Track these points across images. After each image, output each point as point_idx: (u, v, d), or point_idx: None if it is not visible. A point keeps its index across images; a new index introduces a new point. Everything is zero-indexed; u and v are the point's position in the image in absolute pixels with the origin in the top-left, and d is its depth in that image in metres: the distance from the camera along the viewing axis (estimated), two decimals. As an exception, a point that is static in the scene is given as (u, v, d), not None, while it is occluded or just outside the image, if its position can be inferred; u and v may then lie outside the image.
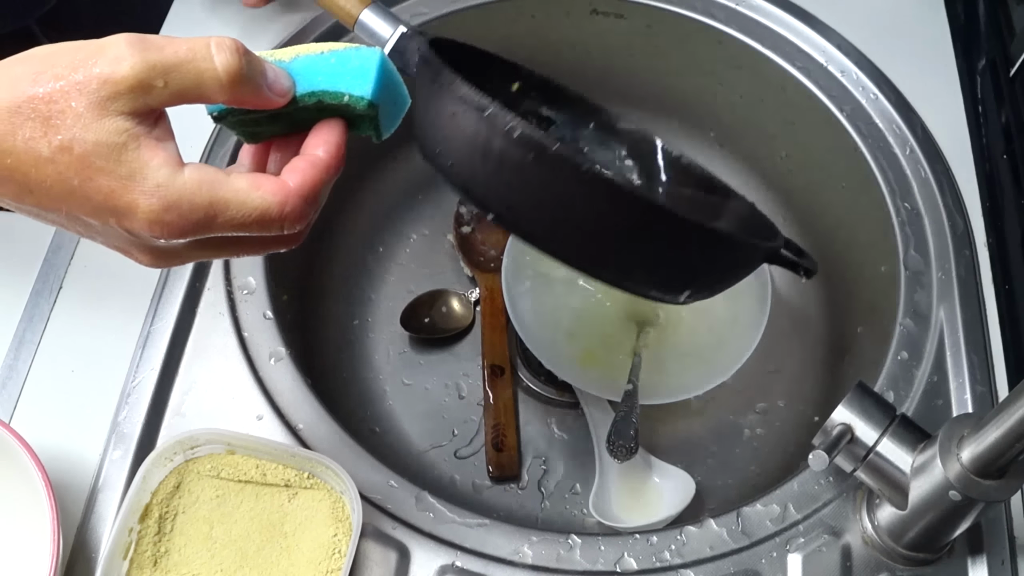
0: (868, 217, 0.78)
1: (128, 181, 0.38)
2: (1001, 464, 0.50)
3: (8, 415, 0.63)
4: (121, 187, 0.38)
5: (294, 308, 0.74)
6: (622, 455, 0.70)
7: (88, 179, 0.38)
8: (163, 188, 0.39)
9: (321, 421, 0.64)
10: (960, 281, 0.71)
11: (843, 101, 0.80)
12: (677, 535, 0.60)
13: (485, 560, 0.59)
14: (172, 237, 0.40)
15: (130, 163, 0.38)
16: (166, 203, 0.39)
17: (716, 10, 0.85)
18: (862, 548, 0.60)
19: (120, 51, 0.38)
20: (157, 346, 0.66)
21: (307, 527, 0.59)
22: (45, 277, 0.69)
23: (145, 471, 0.58)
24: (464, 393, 0.83)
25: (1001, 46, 0.81)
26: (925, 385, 0.67)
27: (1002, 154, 0.77)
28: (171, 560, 0.58)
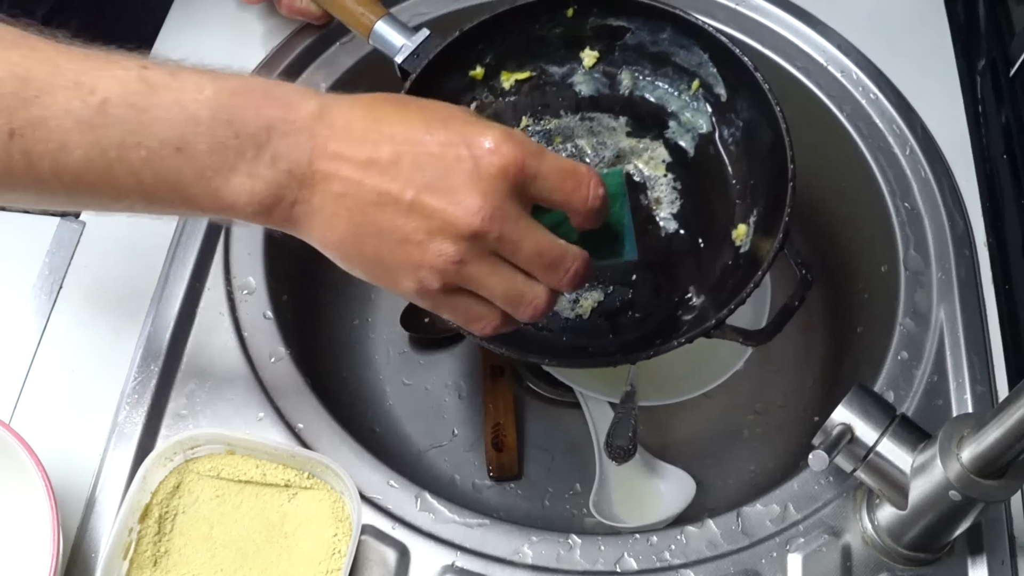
0: (868, 217, 0.78)
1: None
2: (1001, 464, 0.50)
3: (8, 415, 0.63)
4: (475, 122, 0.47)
5: (294, 308, 0.74)
6: (620, 457, 0.70)
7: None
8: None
9: (321, 421, 0.64)
10: (960, 281, 0.71)
11: (843, 101, 0.80)
12: (677, 535, 0.60)
13: (485, 560, 0.59)
14: (513, 163, 0.45)
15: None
16: (508, 132, 0.46)
17: (716, 10, 0.85)
18: (862, 548, 0.60)
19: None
20: (157, 346, 0.66)
21: (307, 527, 0.59)
22: (45, 277, 0.69)
23: (145, 471, 0.58)
24: (464, 393, 0.83)
25: (1001, 46, 0.81)
26: (925, 385, 0.67)
27: (1002, 154, 0.77)
28: (171, 560, 0.58)
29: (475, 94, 0.70)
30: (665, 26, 0.67)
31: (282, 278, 0.72)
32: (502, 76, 0.70)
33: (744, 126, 0.68)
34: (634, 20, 0.68)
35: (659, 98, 0.71)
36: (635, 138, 0.72)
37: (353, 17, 0.72)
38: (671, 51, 0.69)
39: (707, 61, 0.68)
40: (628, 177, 0.69)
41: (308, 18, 0.79)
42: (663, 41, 0.68)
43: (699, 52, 0.67)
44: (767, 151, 0.65)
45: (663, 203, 0.70)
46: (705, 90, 0.69)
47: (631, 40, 0.69)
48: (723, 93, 0.68)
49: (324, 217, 0.45)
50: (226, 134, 0.43)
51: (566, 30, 0.69)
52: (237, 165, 0.43)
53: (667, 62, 0.70)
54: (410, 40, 0.68)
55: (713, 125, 0.70)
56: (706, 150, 0.70)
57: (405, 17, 0.83)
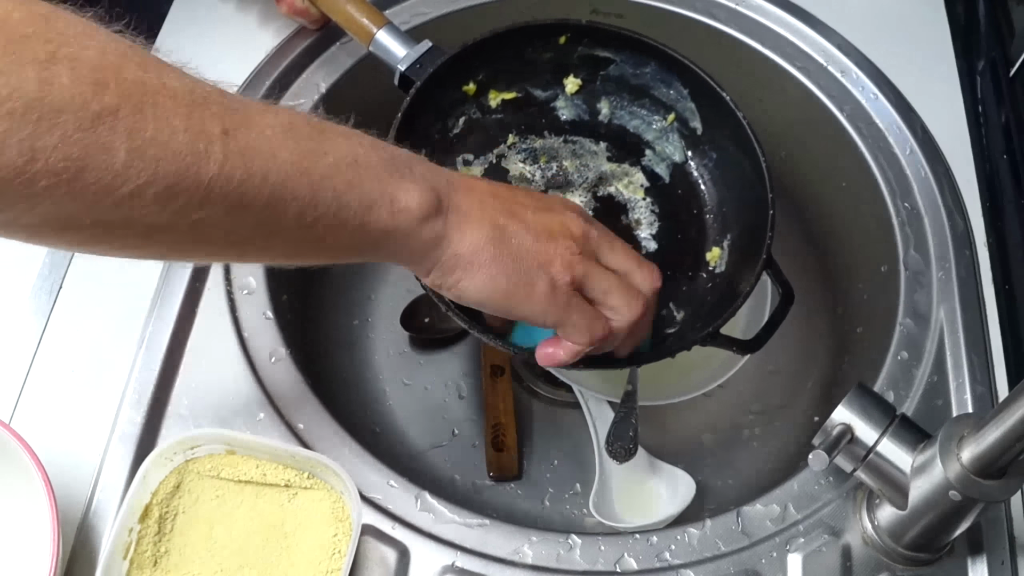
0: (868, 217, 0.78)
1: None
2: (1001, 464, 0.50)
3: (8, 415, 0.63)
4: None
5: (294, 308, 0.74)
6: (621, 456, 0.70)
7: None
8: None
9: (321, 421, 0.64)
10: (960, 281, 0.71)
11: (843, 101, 0.80)
12: (677, 535, 0.60)
13: (485, 560, 0.59)
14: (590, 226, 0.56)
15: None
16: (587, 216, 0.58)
17: (716, 10, 0.85)
18: (862, 548, 0.60)
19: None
20: (157, 346, 0.66)
21: (307, 527, 0.59)
22: (45, 277, 0.69)
23: (145, 471, 0.58)
24: (464, 393, 0.83)
25: (1001, 46, 0.81)
26: (925, 385, 0.67)
27: (1002, 154, 0.77)
28: (171, 560, 0.58)
29: (465, 108, 0.71)
30: (649, 61, 0.70)
31: (282, 278, 0.72)
32: (490, 94, 0.72)
33: (718, 157, 0.71)
34: (620, 52, 0.70)
35: (635, 128, 0.74)
36: (615, 163, 0.74)
37: (354, 24, 0.73)
38: (651, 84, 0.71)
39: (686, 96, 0.70)
40: (609, 198, 0.73)
41: (306, 20, 0.79)
42: (645, 75, 0.71)
43: (679, 87, 0.70)
44: (744, 182, 0.68)
45: (642, 224, 0.72)
46: (680, 123, 0.72)
47: (613, 71, 0.72)
48: (698, 127, 0.71)
49: (474, 221, 0.51)
50: (388, 156, 0.49)
51: (555, 56, 0.71)
52: (405, 177, 0.49)
53: (645, 95, 0.72)
54: (412, 50, 0.69)
55: (686, 156, 0.72)
56: (681, 177, 0.73)
57: (405, 17, 0.83)
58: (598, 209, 0.72)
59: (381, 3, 0.82)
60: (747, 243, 0.66)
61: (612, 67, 0.71)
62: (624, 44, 0.70)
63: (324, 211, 0.46)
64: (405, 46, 0.69)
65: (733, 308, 0.62)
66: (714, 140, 0.71)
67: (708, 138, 0.71)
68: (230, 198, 0.42)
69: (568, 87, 0.73)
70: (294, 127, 0.45)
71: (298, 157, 0.44)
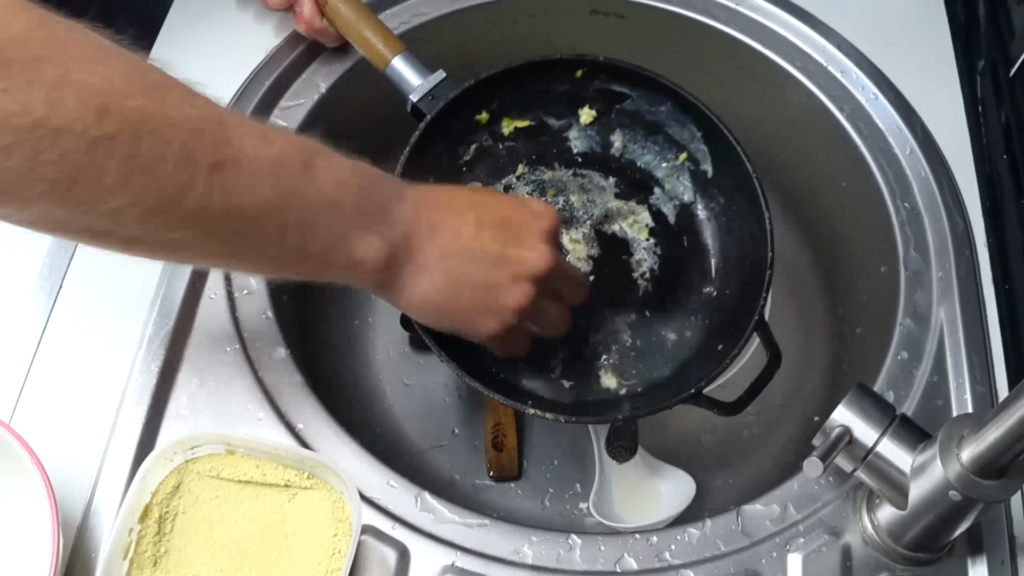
0: (868, 217, 0.78)
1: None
2: (1001, 464, 0.50)
3: (8, 415, 0.63)
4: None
5: (294, 308, 0.74)
6: (621, 456, 0.70)
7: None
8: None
9: (321, 421, 0.64)
10: (960, 281, 0.71)
11: (843, 101, 0.80)
12: (677, 535, 0.60)
13: (485, 560, 0.59)
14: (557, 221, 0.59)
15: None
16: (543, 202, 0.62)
17: (716, 10, 0.85)
18: (862, 548, 0.60)
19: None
20: (157, 346, 0.66)
21: (307, 527, 0.59)
22: (45, 277, 0.69)
23: (145, 471, 0.58)
24: (464, 393, 0.83)
25: (1001, 46, 0.81)
26: (925, 385, 0.67)
27: (1002, 154, 0.77)
28: (171, 560, 0.58)
29: (477, 136, 0.72)
30: (665, 100, 0.70)
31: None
32: (503, 122, 0.72)
33: (725, 203, 0.71)
34: (637, 89, 0.71)
35: (646, 163, 0.75)
36: (622, 200, 0.74)
37: (371, 49, 0.73)
38: (666, 122, 0.72)
39: (699, 138, 0.71)
40: (612, 236, 0.74)
41: (325, 39, 0.79)
42: (660, 112, 0.71)
43: (692, 128, 0.70)
44: (747, 233, 0.68)
45: (643, 266, 0.73)
46: (692, 163, 0.72)
47: (629, 106, 0.72)
48: (709, 169, 0.71)
49: (427, 274, 0.54)
50: (365, 199, 0.52)
51: (571, 88, 0.71)
52: (370, 227, 0.52)
53: (659, 131, 0.73)
54: (425, 80, 0.70)
55: (695, 196, 0.73)
56: (687, 219, 0.73)
57: (405, 17, 0.83)
58: (600, 246, 0.73)
59: (381, 3, 0.82)
60: (746, 300, 0.66)
61: (628, 102, 0.72)
62: (641, 81, 0.70)
63: (288, 245, 0.49)
64: (419, 75, 0.70)
65: (718, 370, 0.62)
66: (723, 186, 0.71)
67: (717, 183, 0.71)
68: (204, 225, 0.45)
69: (583, 118, 0.74)
70: (283, 163, 0.48)
71: (276, 196, 0.47)
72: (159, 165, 0.42)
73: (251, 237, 0.48)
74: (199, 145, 0.44)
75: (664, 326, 0.71)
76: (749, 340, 0.63)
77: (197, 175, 0.44)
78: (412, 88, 0.70)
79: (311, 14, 0.76)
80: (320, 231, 0.50)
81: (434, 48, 0.73)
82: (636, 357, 0.70)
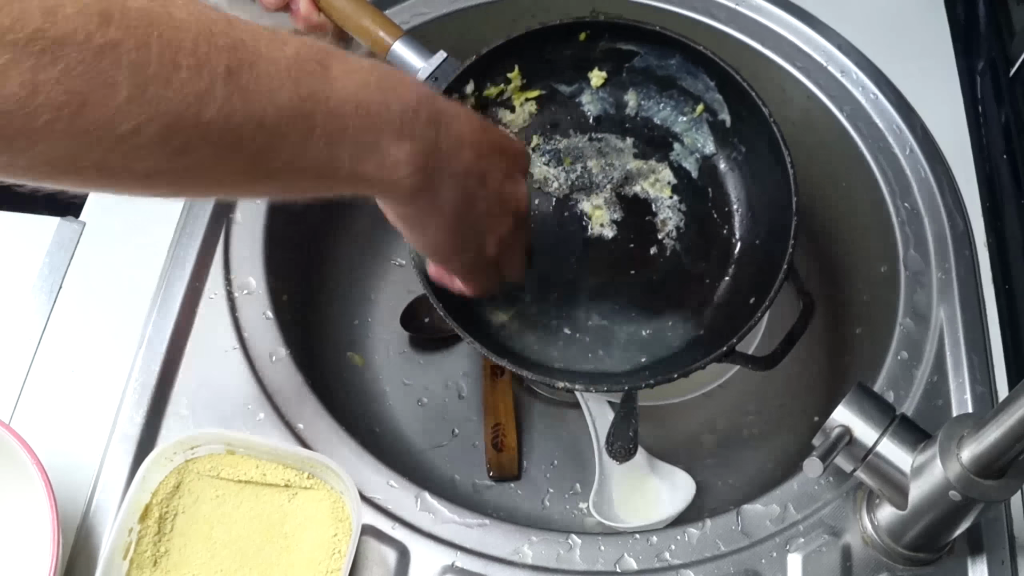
0: (868, 217, 0.78)
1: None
2: (1001, 464, 0.50)
3: (8, 415, 0.63)
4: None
5: (294, 308, 0.74)
6: (621, 456, 0.70)
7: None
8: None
9: (321, 421, 0.64)
10: (960, 281, 0.71)
11: (843, 101, 0.80)
12: (677, 535, 0.60)
13: (485, 560, 0.59)
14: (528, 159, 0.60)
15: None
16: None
17: (716, 10, 0.85)
18: (862, 548, 0.60)
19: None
20: (157, 346, 0.66)
21: (307, 527, 0.59)
22: (45, 277, 0.69)
23: (145, 471, 0.58)
24: (464, 393, 0.83)
25: (1001, 46, 0.81)
26: (925, 385, 0.67)
27: (1002, 154, 0.77)
28: (171, 560, 0.58)
29: (489, 112, 0.71)
30: (674, 53, 0.70)
31: (282, 278, 0.72)
32: (514, 95, 0.72)
33: (747, 151, 0.70)
34: (643, 45, 0.70)
35: (663, 120, 0.74)
36: (641, 159, 0.73)
37: (371, 37, 0.73)
38: (678, 76, 0.71)
39: (713, 87, 0.70)
40: (635, 198, 0.73)
41: (323, 33, 0.79)
42: (671, 66, 0.71)
43: (705, 79, 0.70)
44: (770, 181, 0.67)
45: (668, 224, 0.72)
46: (709, 114, 0.71)
47: (639, 63, 0.71)
48: (727, 118, 0.70)
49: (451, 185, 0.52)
50: (392, 99, 0.48)
51: (577, 52, 0.71)
52: (401, 129, 0.48)
53: (673, 85, 0.72)
54: (427, 63, 0.69)
55: (716, 148, 0.72)
56: (710, 173, 0.72)
57: (405, 16, 0.83)
58: (623, 209, 0.72)
59: (382, 3, 0.82)
60: (775, 248, 0.65)
61: (637, 59, 0.71)
62: (646, 37, 0.69)
63: (315, 156, 0.45)
64: (421, 58, 0.70)
65: (750, 324, 0.60)
66: (743, 134, 0.70)
67: (736, 131, 0.70)
68: (225, 140, 0.41)
69: (593, 80, 0.73)
70: (301, 64, 0.44)
71: (298, 100, 0.44)
72: (173, 73, 0.38)
73: (275, 149, 0.44)
74: (212, 48, 0.40)
75: (693, 284, 0.70)
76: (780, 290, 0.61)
77: (215, 81, 0.40)
78: (415, 71, 0.69)
79: (308, 10, 0.76)
80: (348, 136, 0.46)
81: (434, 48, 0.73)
82: (663, 318, 0.69)
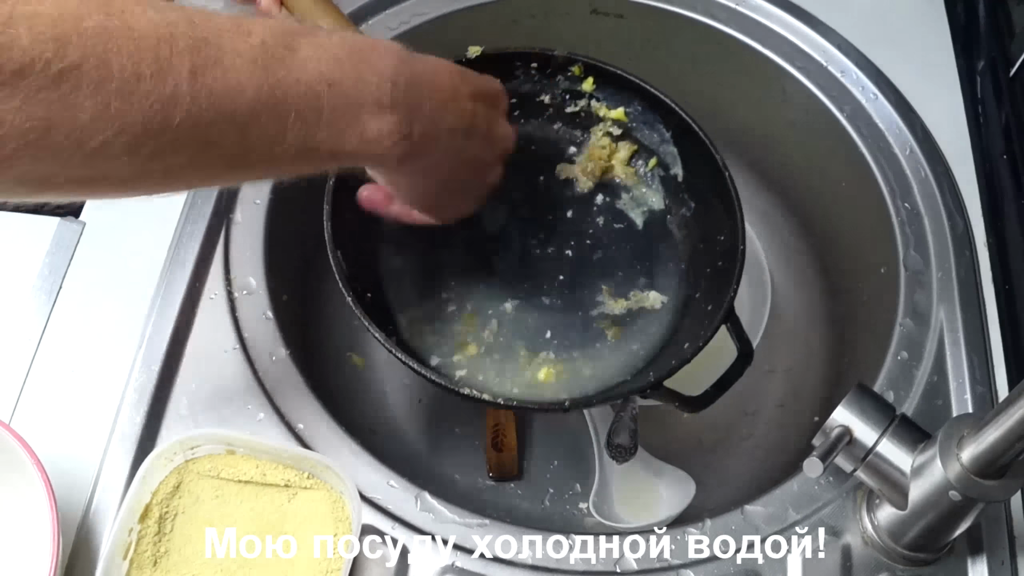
0: (868, 217, 0.78)
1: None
2: (1001, 464, 0.50)
3: (8, 415, 0.63)
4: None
5: (294, 308, 0.74)
6: (621, 456, 0.70)
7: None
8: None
9: (321, 421, 0.64)
10: (960, 281, 0.71)
11: (843, 101, 0.80)
12: (677, 535, 0.60)
13: (485, 560, 0.59)
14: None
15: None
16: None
17: (716, 10, 0.85)
18: (862, 548, 0.60)
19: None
20: (157, 346, 0.66)
21: (307, 527, 0.59)
22: (45, 277, 0.69)
23: (145, 471, 0.58)
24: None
25: (1001, 46, 0.81)
26: (925, 385, 0.67)
27: (1002, 154, 0.77)
28: (171, 560, 0.58)
29: None
30: (633, 99, 0.68)
31: (282, 278, 0.72)
32: None
33: (696, 207, 0.68)
34: (603, 89, 0.69)
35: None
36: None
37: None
38: (633, 126, 0.70)
39: (668, 139, 0.68)
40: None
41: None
42: (628, 115, 0.69)
43: (662, 129, 0.68)
44: (719, 230, 0.65)
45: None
46: (662, 169, 0.70)
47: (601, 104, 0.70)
48: (679, 173, 0.69)
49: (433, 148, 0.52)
50: (366, 72, 0.48)
51: (533, 88, 0.69)
52: (380, 96, 0.48)
53: (627, 136, 0.70)
54: None
55: (665, 204, 0.70)
56: (656, 225, 0.70)
57: (405, 16, 0.83)
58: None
59: (382, 3, 0.82)
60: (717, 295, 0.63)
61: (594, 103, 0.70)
62: (608, 80, 0.68)
63: (294, 139, 0.45)
64: None
65: (679, 363, 0.59)
66: (694, 188, 0.68)
67: (688, 186, 0.69)
68: (199, 139, 0.41)
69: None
70: (267, 51, 0.44)
71: (268, 89, 0.43)
72: (136, 84, 0.38)
73: (252, 140, 0.44)
74: (173, 52, 0.39)
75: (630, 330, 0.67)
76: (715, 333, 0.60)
77: (179, 85, 0.39)
78: None
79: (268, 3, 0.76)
80: (324, 115, 0.46)
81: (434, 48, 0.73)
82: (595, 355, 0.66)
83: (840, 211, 0.83)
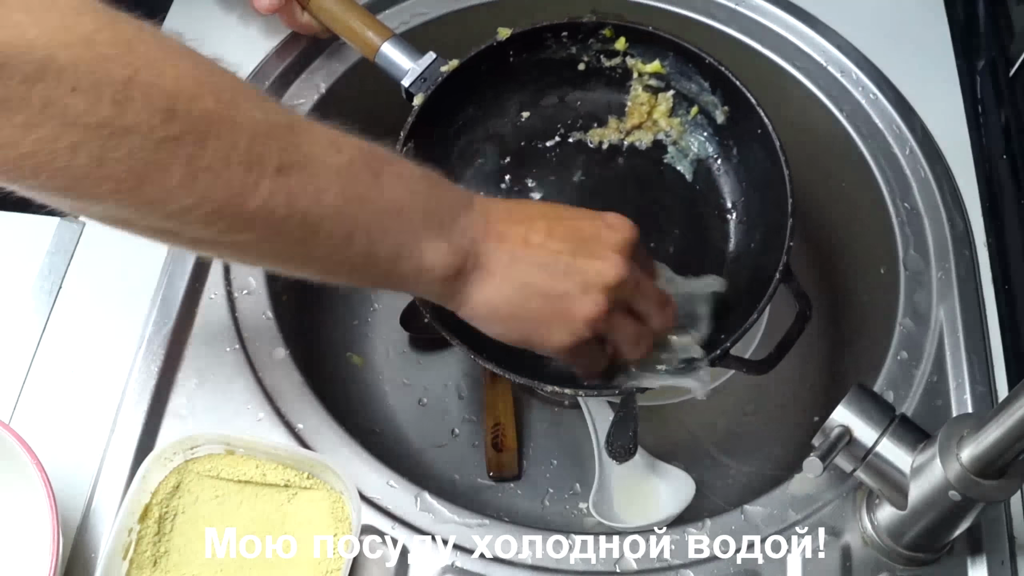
0: (868, 217, 0.78)
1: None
2: (1001, 464, 0.50)
3: (8, 415, 0.63)
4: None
5: (294, 308, 0.74)
6: (621, 456, 0.70)
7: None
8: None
9: (321, 421, 0.64)
10: (960, 281, 0.71)
11: (843, 101, 0.80)
12: (677, 535, 0.60)
13: (485, 560, 0.59)
14: (634, 234, 0.56)
15: None
16: (617, 214, 0.57)
17: (716, 10, 0.85)
18: (862, 548, 0.60)
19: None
20: (157, 346, 0.66)
21: (307, 527, 0.59)
22: (45, 277, 0.69)
23: (145, 471, 0.58)
24: (464, 393, 0.83)
25: (1001, 46, 0.81)
26: (925, 385, 0.67)
27: (1002, 154, 0.77)
28: (171, 560, 0.58)
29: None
30: (667, 53, 0.70)
31: (282, 278, 0.72)
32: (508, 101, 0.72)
33: (742, 153, 0.70)
34: (636, 47, 0.70)
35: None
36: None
37: (359, 38, 0.73)
38: (671, 77, 0.71)
39: (707, 89, 0.69)
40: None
41: (308, 33, 0.79)
42: (664, 67, 0.70)
43: (699, 80, 0.69)
44: (766, 181, 0.67)
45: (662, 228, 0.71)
46: (704, 116, 0.71)
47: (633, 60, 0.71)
48: (722, 120, 0.70)
49: (495, 282, 0.53)
50: (434, 206, 0.52)
51: (567, 54, 0.71)
52: (440, 234, 0.51)
53: (667, 88, 0.72)
54: (416, 64, 0.69)
55: (710, 151, 0.72)
56: (704, 175, 0.72)
57: (405, 17, 0.83)
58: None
59: (382, 3, 0.82)
60: (770, 250, 0.64)
61: (629, 60, 0.71)
62: (639, 38, 0.69)
63: (355, 252, 0.49)
64: (410, 59, 0.70)
65: (744, 327, 0.60)
66: (738, 135, 0.70)
67: (731, 132, 0.70)
68: (269, 228, 0.45)
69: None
70: (352, 170, 0.48)
71: (343, 202, 0.47)
72: (224, 167, 0.42)
73: (316, 242, 0.48)
74: (265, 149, 0.44)
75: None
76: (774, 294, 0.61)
77: (262, 178, 0.44)
78: (404, 72, 0.69)
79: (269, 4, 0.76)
80: (388, 238, 0.49)
81: (434, 48, 0.73)
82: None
83: (840, 211, 0.83)
